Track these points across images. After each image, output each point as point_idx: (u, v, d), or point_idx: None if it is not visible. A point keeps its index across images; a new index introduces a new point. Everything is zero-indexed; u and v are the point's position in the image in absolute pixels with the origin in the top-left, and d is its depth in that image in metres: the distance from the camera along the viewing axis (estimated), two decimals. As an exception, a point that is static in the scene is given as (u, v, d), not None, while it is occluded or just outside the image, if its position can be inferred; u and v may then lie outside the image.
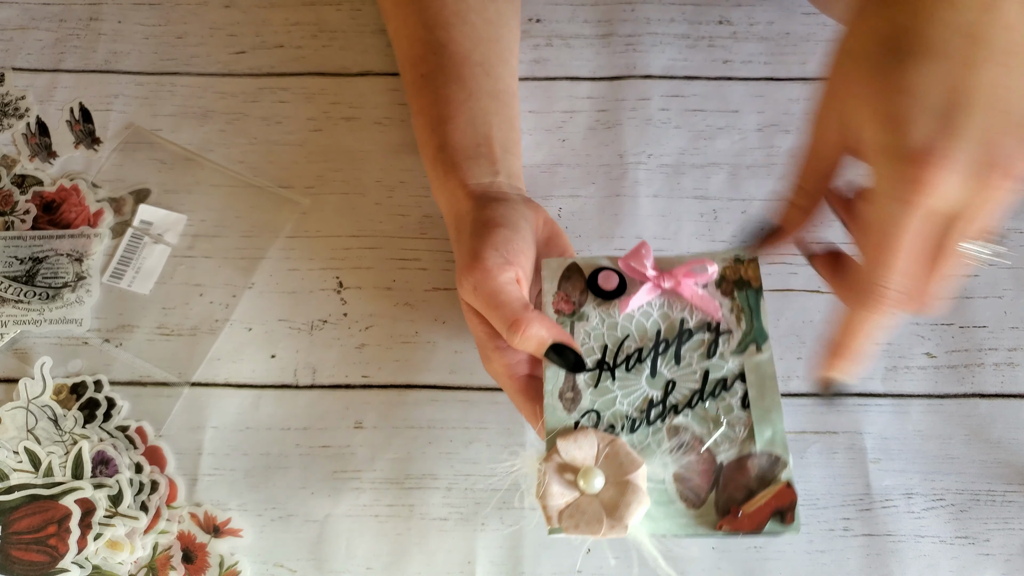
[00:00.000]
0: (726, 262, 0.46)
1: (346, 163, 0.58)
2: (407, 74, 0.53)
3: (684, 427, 0.43)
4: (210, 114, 0.59)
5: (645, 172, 0.57)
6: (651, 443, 0.43)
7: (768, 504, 0.41)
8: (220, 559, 0.49)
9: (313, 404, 0.52)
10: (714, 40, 0.61)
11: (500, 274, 0.44)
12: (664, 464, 0.42)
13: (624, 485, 0.41)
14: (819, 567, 0.48)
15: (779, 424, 0.43)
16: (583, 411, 0.44)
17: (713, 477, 0.42)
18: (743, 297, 0.46)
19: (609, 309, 0.46)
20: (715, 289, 0.46)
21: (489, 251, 0.44)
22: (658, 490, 0.42)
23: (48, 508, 0.49)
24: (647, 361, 0.45)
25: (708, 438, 0.43)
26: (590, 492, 0.41)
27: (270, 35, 0.62)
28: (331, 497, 0.50)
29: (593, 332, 0.45)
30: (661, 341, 0.45)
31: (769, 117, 0.58)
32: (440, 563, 0.49)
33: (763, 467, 0.42)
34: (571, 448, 0.42)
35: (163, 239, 0.56)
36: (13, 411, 0.52)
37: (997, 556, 0.48)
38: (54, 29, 0.62)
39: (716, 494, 0.41)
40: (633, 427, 0.43)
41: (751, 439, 0.42)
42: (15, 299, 0.54)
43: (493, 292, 0.43)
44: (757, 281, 0.46)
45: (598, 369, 0.45)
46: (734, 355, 0.44)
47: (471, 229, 0.46)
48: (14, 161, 0.58)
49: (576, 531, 0.40)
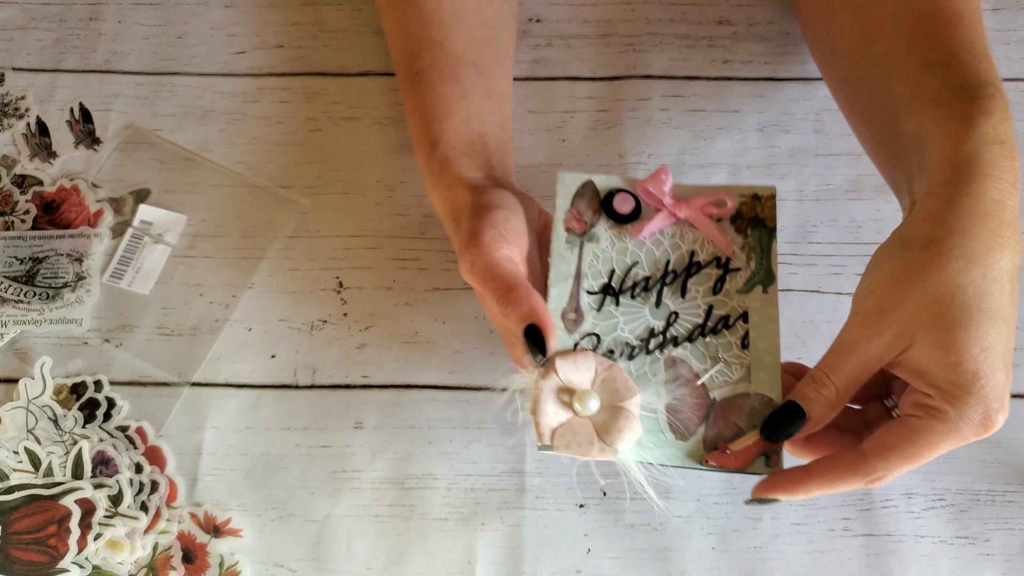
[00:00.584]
0: (744, 197, 0.46)
1: (346, 163, 0.58)
2: (401, 70, 0.53)
3: (682, 360, 0.43)
4: (210, 114, 0.59)
5: (645, 172, 0.57)
6: (647, 372, 0.43)
7: (757, 444, 0.41)
8: (220, 559, 0.49)
9: (313, 404, 0.52)
10: (714, 40, 0.61)
11: (496, 250, 0.44)
12: (658, 394, 0.43)
13: (618, 411, 0.41)
14: (819, 567, 0.48)
15: (775, 368, 0.43)
16: (584, 333, 0.44)
17: (705, 412, 0.42)
18: (756, 236, 0.45)
19: (621, 233, 0.46)
20: (729, 224, 0.46)
21: (487, 229, 0.44)
22: (650, 419, 0.42)
23: (48, 508, 0.49)
24: (653, 290, 0.45)
25: (704, 374, 0.43)
26: (584, 414, 0.41)
27: (270, 35, 0.62)
28: (331, 497, 0.50)
29: (602, 255, 0.45)
30: (670, 272, 0.45)
31: (769, 117, 0.58)
32: (440, 563, 0.49)
33: (755, 408, 0.42)
34: (569, 369, 0.42)
35: (163, 239, 0.56)
36: (13, 411, 0.52)
37: (997, 556, 0.48)
38: (54, 29, 0.62)
39: (705, 429, 0.42)
40: (632, 355, 0.44)
41: (746, 379, 0.43)
42: (15, 299, 0.54)
43: (488, 266, 0.43)
44: (772, 221, 0.46)
45: (603, 293, 0.44)
46: (740, 293, 0.44)
47: (470, 213, 0.46)
48: (14, 161, 0.58)
49: (567, 450, 0.41)
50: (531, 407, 0.42)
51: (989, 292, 0.37)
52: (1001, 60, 0.59)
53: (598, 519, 0.49)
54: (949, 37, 0.43)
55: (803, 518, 0.49)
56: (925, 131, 0.41)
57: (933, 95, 0.42)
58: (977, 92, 0.41)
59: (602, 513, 0.49)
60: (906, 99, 0.43)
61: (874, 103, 0.46)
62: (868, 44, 0.47)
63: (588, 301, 0.44)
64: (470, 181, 0.48)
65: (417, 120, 0.51)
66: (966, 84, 0.41)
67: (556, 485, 0.50)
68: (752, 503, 0.42)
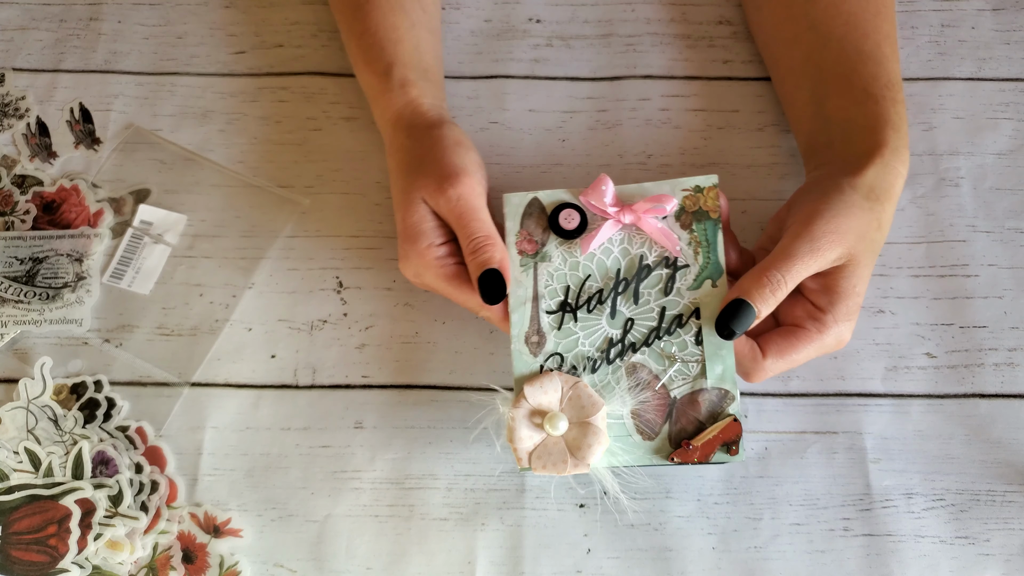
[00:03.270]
0: (686, 192, 0.48)
1: (346, 163, 0.58)
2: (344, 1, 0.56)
3: (642, 365, 0.47)
4: (210, 114, 0.59)
5: (645, 172, 0.57)
6: (611, 381, 0.47)
7: (716, 437, 0.45)
8: (220, 559, 0.49)
9: (313, 404, 0.52)
10: (714, 40, 0.61)
11: (482, 194, 0.48)
12: (623, 401, 0.46)
13: (586, 427, 0.45)
14: (819, 567, 0.48)
15: (729, 360, 0.46)
16: (548, 354, 0.47)
17: (667, 411, 0.46)
18: (701, 229, 0.47)
19: (571, 248, 0.48)
20: (674, 221, 0.47)
21: (475, 169, 0.49)
22: (617, 425, 0.46)
23: (48, 508, 0.49)
24: (607, 302, 0.47)
25: (664, 375, 0.46)
26: (555, 434, 0.46)
27: (270, 35, 0.62)
28: (331, 497, 0.50)
29: (556, 273, 0.48)
30: (621, 280, 0.47)
31: (769, 117, 0.58)
32: (440, 563, 0.49)
33: (713, 402, 0.46)
34: (537, 394, 0.46)
35: (163, 239, 0.56)
36: (13, 411, 0.52)
37: (997, 556, 0.48)
38: (54, 29, 0.62)
39: (669, 427, 0.46)
40: (594, 367, 0.47)
41: (703, 375, 0.46)
42: (15, 299, 0.54)
43: (476, 208, 0.47)
44: (716, 212, 0.47)
45: (561, 311, 0.47)
46: (690, 291, 0.47)
47: (447, 144, 0.49)
48: (14, 161, 0.58)
49: (544, 471, 0.45)
50: (508, 436, 0.46)
51: (878, 251, 0.48)
52: (1001, 60, 0.59)
53: (598, 519, 0.49)
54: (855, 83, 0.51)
55: (803, 518, 0.49)
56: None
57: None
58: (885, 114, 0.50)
59: (602, 513, 0.49)
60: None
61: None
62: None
63: (548, 321, 0.47)
64: (430, 106, 0.52)
65: (369, 44, 0.54)
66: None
67: (556, 485, 0.50)
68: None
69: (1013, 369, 0.52)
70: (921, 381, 0.52)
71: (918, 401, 0.51)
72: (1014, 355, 0.52)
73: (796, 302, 0.47)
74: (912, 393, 0.52)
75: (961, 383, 0.52)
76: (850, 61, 0.52)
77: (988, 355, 0.52)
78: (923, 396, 0.52)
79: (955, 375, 0.52)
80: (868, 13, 0.53)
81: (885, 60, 0.51)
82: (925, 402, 0.51)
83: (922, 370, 0.52)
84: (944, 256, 0.54)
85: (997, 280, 0.54)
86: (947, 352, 0.52)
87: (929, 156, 0.57)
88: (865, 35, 0.52)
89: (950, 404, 0.51)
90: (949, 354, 0.52)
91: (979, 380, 0.52)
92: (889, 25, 0.53)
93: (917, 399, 0.51)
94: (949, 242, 0.55)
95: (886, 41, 0.52)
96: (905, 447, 0.50)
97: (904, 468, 0.50)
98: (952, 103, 0.58)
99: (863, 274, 0.46)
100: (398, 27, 0.54)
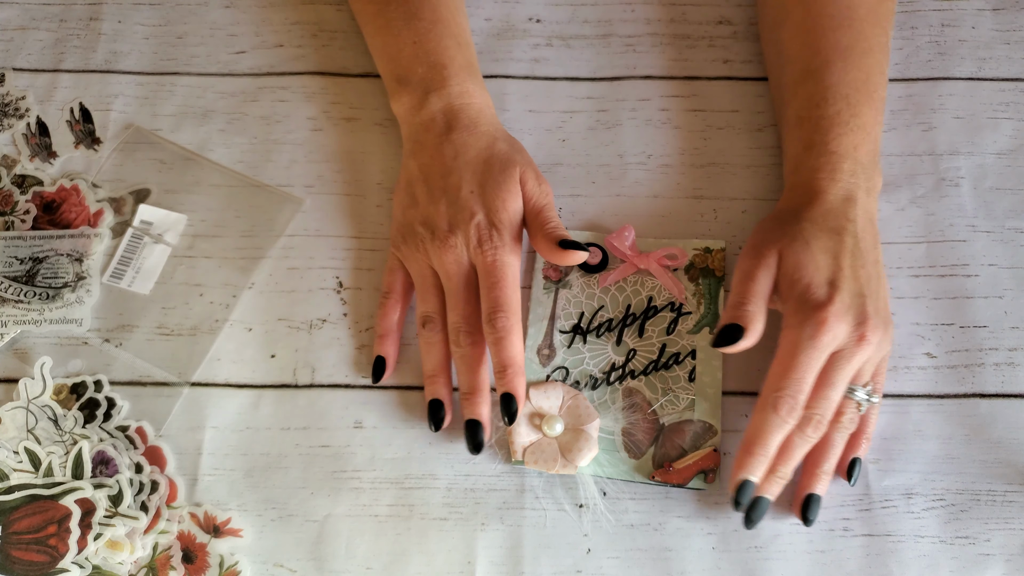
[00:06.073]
0: (697, 251, 0.54)
1: (346, 163, 0.58)
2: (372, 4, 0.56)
3: (637, 390, 0.51)
4: (210, 114, 0.59)
5: (645, 172, 0.57)
6: (608, 400, 0.51)
7: (696, 464, 0.49)
8: (220, 559, 0.49)
9: (313, 404, 0.52)
10: (714, 40, 0.61)
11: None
12: (616, 419, 0.51)
13: (579, 433, 0.50)
14: (819, 567, 0.48)
15: (716, 400, 0.51)
16: (555, 367, 0.52)
17: (655, 435, 0.50)
18: (706, 284, 0.53)
19: (590, 281, 0.54)
20: (683, 274, 0.54)
21: (544, 180, 0.52)
22: (607, 440, 0.50)
23: (48, 508, 0.49)
24: (616, 330, 0.53)
25: (656, 402, 0.51)
26: (551, 435, 0.50)
27: (270, 35, 0.62)
28: (331, 497, 0.50)
29: (574, 299, 0.54)
30: (630, 315, 0.53)
31: (769, 117, 0.58)
32: (440, 563, 0.49)
33: (697, 433, 0.50)
34: (540, 397, 0.51)
35: (163, 239, 0.56)
36: (13, 411, 0.52)
37: (997, 556, 0.48)
38: (54, 29, 0.62)
39: (655, 449, 0.50)
40: (595, 385, 0.52)
41: (691, 408, 0.51)
42: (15, 299, 0.54)
43: (550, 207, 0.51)
44: (721, 271, 0.54)
45: (573, 333, 0.53)
46: (690, 334, 0.52)
47: (520, 146, 0.53)
48: (14, 161, 0.58)
49: (535, 465, 0.49)
50: (508, 429, 0.50)
51: (823, 233, 0.48)
52: (1001, 60, 0.59)
53: (598, 519, 0.49)
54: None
55: (803, 518, 0.49)
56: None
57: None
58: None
59: (602, 513, 0.49)
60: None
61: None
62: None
63: (560, 339, 0.53)
64: (485, 97, 0.55)
65: (405, 34, 0.54)
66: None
67: (556, 485, 0.50)
68: (741, 508, 0.47)
69: (1013, 369, 0.52)
70: (921, 381, 0.52)
71: (918, 401, 0.51)
72: (1014, 355, 0.52)
73: (783, 329, 0.47)
74: (912, 393, 0.52)
75: (961, 383, 0.52)
76: (793, 84, 0.53)
77: (988, 355, 0.52)
78: (923, 396, 0.52)
79: (955, 375, 0.52)
80: (825, 28, 0.52)
81: (828, 74, 0.51)
82: (925, 402, 0.51)
83: (922, 370, 0.52)
84: (944, 256, 0.54)
85: (997, 280, 0.54)
86: (947, 352, 0.52)
87: (929, 156, 0.57)
88: (815, 52, 0.52)
89: (950, 404, 0.51)
90: (949, 354, 0.52)
91: (979, 380, 0.52)
92: (850, 36, 0.52)
93: (917, 399, 0.51)
94: (949, 242, 0.55)
95: (842, 53, 0.51)
96: (905, 447, 0.50)
97: (904, 468, 0.50)
98: (952, 103, 0.58)
99: (799, 260, 0.47)
100: (437, 22, 0.55)
